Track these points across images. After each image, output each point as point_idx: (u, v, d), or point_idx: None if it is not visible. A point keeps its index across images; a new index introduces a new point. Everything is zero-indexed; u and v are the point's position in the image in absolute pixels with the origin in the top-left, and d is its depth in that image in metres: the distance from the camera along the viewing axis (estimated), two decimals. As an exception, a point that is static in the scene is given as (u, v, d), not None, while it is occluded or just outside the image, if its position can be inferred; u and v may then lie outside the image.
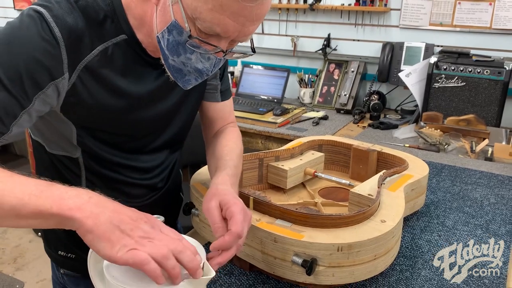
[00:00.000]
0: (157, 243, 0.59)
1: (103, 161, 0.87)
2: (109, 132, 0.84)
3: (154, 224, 0.61)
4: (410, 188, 1.02)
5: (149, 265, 0.56)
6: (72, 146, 0.85)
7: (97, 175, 0.89)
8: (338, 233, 0.79)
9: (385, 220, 0.84)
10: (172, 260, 0.58)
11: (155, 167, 0.96)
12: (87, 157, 0.86)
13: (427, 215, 1.11)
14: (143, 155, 0.92)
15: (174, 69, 0.76)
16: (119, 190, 0.91)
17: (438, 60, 1.92)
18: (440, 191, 1.26)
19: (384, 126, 1.97)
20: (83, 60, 0.74)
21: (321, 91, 2.34)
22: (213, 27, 0.67)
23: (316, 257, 0.77)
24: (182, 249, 0.60)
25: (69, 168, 0.88)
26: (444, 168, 1.44)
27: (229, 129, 1.01)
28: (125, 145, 0.89)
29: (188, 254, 0.60)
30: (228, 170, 0.85)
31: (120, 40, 0.77)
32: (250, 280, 0.85)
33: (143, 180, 0.94)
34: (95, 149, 0.85)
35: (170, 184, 1.02)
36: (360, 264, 0.79)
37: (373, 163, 1.18)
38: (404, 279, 0.86)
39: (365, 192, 0.92)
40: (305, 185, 1.15)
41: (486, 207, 1.16)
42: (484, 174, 1.39)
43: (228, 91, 1.04)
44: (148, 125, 0.88)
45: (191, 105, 0.95)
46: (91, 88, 0.77)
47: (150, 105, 0.86)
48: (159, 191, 0.99)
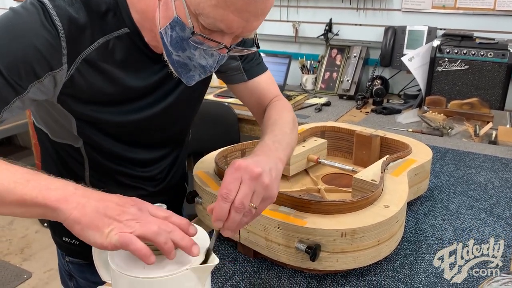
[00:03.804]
0: (146, 224, 0.58)
1: (105, 152, 0.87)
2: (109, 124, 0.84)
3: (141, 207, 0.60)
4: (414, 172, 1.01)
5: (135, 244, 0.56)
6: (73, 136, 0.85)
7: (100, 165, 0.89)
8: (342, 219, 0.79)
9: (389, 205, 0.84)
10: (163, 236, 0.57)
11: (157, 160, 0.96)
12: (88, 147, 0.86)
13: (431, 199, 1.11)
14: (145, 149, 0.92)
15: (179, 64, 0.74)
16: (120, 181, 0.92)
17: (441, 43, 1.90)
18: (443, 175, 1.25)
19: (387, 111, 1.96)
20: (82, 52, 0.73)
21: (323, 77, 2.32)
22: (217, 23, 0.66)
23: (319, 243, 0.77)
24: (172, 228, 0.59)
25: (72, 156, 0.88)
26: (447, 152, 1.43)
27: (271, 104, 0.97)
28: (126, 138, 0.88)
29: (178, 233, 0.59)
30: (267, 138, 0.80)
31: (122, 33, 0.77)
32: (254, 267, 0.86)
33: (144, 172, 0.94)
34: (96, 139, 0.85)
35: (172, 176, 1.02)
36: (364, 249, 0.79)
37: (376, 148, 1.17)
38: (408, 264, 0.86)
39: (368, 177, 0.92)
40: (308, 172, 1.15)
41: (490, 191, 1.16)
42: (488, 157, 1.38)
43: (255, 68, 0.99)
44: (148, 119, 0.87)
45: (193, 101, 0.94)
46: (90, 81, 0.76)
47: (150, 100, 0.85)
48: (160, 182, 0.99)
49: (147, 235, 0.57)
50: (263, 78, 0.99)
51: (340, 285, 0.81)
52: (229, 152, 1.07)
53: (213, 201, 0.89)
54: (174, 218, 0.61)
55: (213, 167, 0.99)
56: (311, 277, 0.82)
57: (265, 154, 0.73)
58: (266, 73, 1.00)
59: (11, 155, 3.31)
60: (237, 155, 1.09)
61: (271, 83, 1.00)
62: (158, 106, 0.87)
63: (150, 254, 0.57)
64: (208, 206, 0.68)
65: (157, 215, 0.60)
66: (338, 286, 0.80)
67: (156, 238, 0.57)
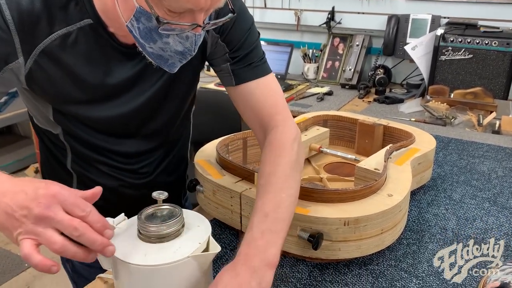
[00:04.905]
0: (49, 233, 0.53)
1: (84, 141, 0.85)
2: (82, 118, 0.81)
3: (50, 203, 0.53)
4: (417, 161, 1.00)
5: (33, 260, 0.52)
6: (51, 122, 0.82)
7: (80, 153, 0.87)
8: (345, 208, 0.79)
9: (392, 194, 0.83)
10: (68, 251, 0.54)
11: (141, 153, 0.92)
12: (67, 135, 0.84)
13: (434, 188, 1.10)
14: (126, 142, 0.88)
15: (155, 56, 0.70)
16: (102, 170, 0.89)
17: (445, 32, 1.88)
18: (447, 164, 1.24)
19: (390, 100, 1.94)
20: (39, 44, 0.70)
21: (325, 66, 2.30)
22: (183, 4, 0.61)
23: (322, 232, 0.76)
24: (81, 232, 0.53)
25: (54, 142, 0.87)
26: (451, 141, 1.42)
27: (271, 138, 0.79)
28: (105, 131, 0.85)
29: (88, 237, 0.53)
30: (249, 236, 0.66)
31: (85, 24, 0.72)
32: (256, 255, 0.85)
33: (127, 164, 0.91)
34: (74, 129, 0.82)
35: (162, 171, 0.97)
36: (367, 238, 0.78)
37: (379, 137, 1.16)
38: (411, 253, 0.86)
39: (371, 166, 0.91)
40: (310, 161, 1.14)
41: (493, 180, 1.15)
42: (492, 147, 1.37)
43: (248, 72, 0.83)
44: (126, 115, 0.83)
45: (179, 93, 0.88)
46: (52, 76, 0.73)
47: (127, 95, 0.81)
48: (145, 176, 0.95)
49: (51, 250, 0.53)
50: (260, 85, 0.83)
51: (342, 274, 0.80)
52: (230, 141, 1.06)
53: (214, 189, 0.89)
54: (91, 218, 0.55)
55: (214, 155, 0.98)
56: (314, 266, 0.82)
57: (250, 261, 0.62)
58: (266, 78, 0.84)
59: (11, 145, 3.31)
60: (239, 144, 1.08)
61: (272, 92, 0.84)
62: (137, 100, 0.82)
63: (50, 266, 0.53)
64: None
65: (72, 212, 0.54)
66: (341, 275, 0.80)
67: (61, 254, 0.54)
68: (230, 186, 0.87)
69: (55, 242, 0.53)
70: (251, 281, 0.59)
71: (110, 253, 0.56)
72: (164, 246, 0.61)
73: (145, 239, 0.62)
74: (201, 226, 0.66)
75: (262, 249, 0.63)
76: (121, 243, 0.62)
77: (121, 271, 0.61)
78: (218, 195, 0.89)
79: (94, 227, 0.54)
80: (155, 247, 0.61)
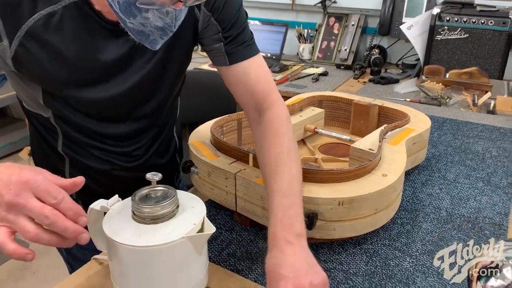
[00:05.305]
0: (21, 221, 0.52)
1: (75, 125, 0.83)
2: (73, 100, 0.79)
3: (21, 190, 0.52)
4: (412, 142, 1.00)
5: (7, 249, 0.52)
6: (41, 106, 0.81)
7: (72, 136, 0.86)
8: (339, 188, 0.79)
9: (387, 174, 0.83)
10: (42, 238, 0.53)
11: (132, 136, 0.90)
12: (58, 119, 0.83)
13: (429, 169, 1.11)
14: (117, 124, 0.87)
15: (136, 32, 0.67)
16: (94, 154, 0.88)
17: (441, 11, 1.86)
18: (441, 145, 1.25)
19: (385, 81, 1.94)
20: (23, 25, 0.68)
21: (320, 46, 2.28)
22: None
23: (317, 212, 0.76)
24: (52, 220, 0.52)
25: (44, 125, 0.86)
26: (445, 122, 1.42)
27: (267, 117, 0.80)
28: (95, 113, 0.83)
29: (60, 224, 0.53)
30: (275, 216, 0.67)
31: (70, 2, 0.70)
32: (251, 235, 0.86)
33: (118, 147, 0.90)
34: (64, 112, 0.81)
35: (153, 154, 0.96)
36: (361, 218, 0.79)
37: (374, 118, 1.16)
38: (405, 232, 0.86)
39: (366, 146, 0.90)
40: (305, 142, 1.14)
41: (487, 160, 1.15)
42: (486, 127, 1.37)
43: (242, 51, 0.83)
44: (116, 97, 0.81)
45: (171, 73, 0.86)
46: (38, 57, 0.71)
47: (115, 76, 0.79)
48: (137, 159, 0.94)
49: (23, 238, 0.53)
50: (253, 65, 0.83)
51: (337, 253, 0.81)
52: (225, 122, 1.06)
53: (209, 171, 0.89)
54: (63, 205, 0.54)
55: (208, 136, 0.97)
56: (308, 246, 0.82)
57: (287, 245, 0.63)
58: (257, 58, 0.84)
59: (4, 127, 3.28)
60: (233, 125, 1.07)
61: (263, 72, 0.84)
62: (128, 82, 0.80)
63: (25, 254, 0.53)
64: None
65: (44, 199, 0.53)
66: (335, 254, 0.80)
67: (35, 241, 0.53)
68: (225, 167, 0.86)
69: (28, 231, 0.52)
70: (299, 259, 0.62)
71: (84, 240, 0.55)
72: (159, 227, 0.61)
73: (139, 220, 0.62)
74: (195, 207, 0.66)
75: (288, 226, 0.65)
76: (116, 224, 0.62)
77: (115, 252, 0.61)
78: (213, 176, 0.89)
79: (67, 215, 0.54)
80: (149, 228, 0.61)
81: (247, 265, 0.77)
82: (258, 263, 0.78)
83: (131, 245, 0.59)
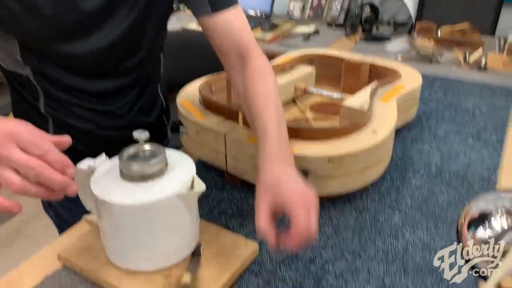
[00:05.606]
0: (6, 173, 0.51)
1: (56, 82, 0.81)
2: (54, 55, 0.76)
3: (4, 141, 0.51)
4: (403, 99, 0.99)
5: None
6: (19, 63, 0.78)
7: (53, 95, 0.83)
8: (329, 145, 0.78)
9: (377, 131, 0.83)
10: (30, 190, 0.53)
11: (116, 92, 0.88)
12: (38, 76, 0.80)
13: (419, 126, 1.11)
14: (100, 80, 0.85)
15: None
16: (77, 113, 0.86)
17: (435, -35, 1.81)
18: (432, 102, 1.24)
19: (377, 39, 1.91)
20: None
21: (311, 3, 2.23)
22: None
23: (307, 169, 0.76)
24: (38, 171, 0.51)
25: (24, 85, 0.83)
26: (436, 79, 1.41)
27: (252, 64, 0.80)
28: (76, 68, 0.81)
29: (46, 175, 0.52)
30: (270, 139, 0.69)
31: None
32: (242, 193, 0.86)
33: (103, 106, 0.88)
34: (45, 68, 0.78)
35: (138, 111, 0.94)
36: (352, 174, 0.79)
37: (365, 76, 1.14)
38: (395, 188, 0.87)
39: (356, 104, 0.90)
40: (296, 101, 1.12)
41: (478, 117, 1.15)
42: (477, 84, 1.37)
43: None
44: (101, 50, 0.78)
45: (155, 23, 0.84)
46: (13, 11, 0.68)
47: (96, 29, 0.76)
48: (121, 117, 0.91)
49: (10, 191, 0.52)
50: (235, 14, 0.82)
51: (326, 209, 0.81)
52: (214, 81, 1.04)
53: (198, 130, 0.88)
54: (50, 157, 0.53)
55: (197, 96, 0.96)
56: (299, 203, 0.83)
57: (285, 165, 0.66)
58: (238, 8, 0.83)
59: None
60: (223, 84, 1.05)
61: (246, 22, 0.83)
62: (112, 34, 0.77)
63: (11, 207, 0.53)
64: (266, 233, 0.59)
65: (29, 150, 0.52)
66: (325, 211, 0.81)
67: (22, 194, 0.53)
68: (214, 127, 0.85)
69: (13, 182, 0.51)
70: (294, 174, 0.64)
71: (72, 192, 0.54)
72: (148, 185, 0.60)
73: (128, 179, 0.61)
74: (185, 165, 0.65)
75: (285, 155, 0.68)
76: (104, 183, 0.61)
77: (104, 211, 0.61)
78: (202, 136, 0.88)
79: (54, 167, 0.53)
80: (138, 186, 0.60)
81: (239, 222, 0.78)
82: (249, 220, 0.78)
83: (120, 204, 0.58)
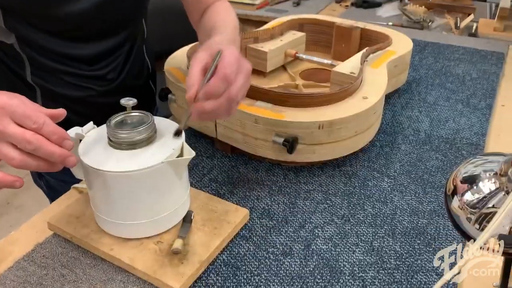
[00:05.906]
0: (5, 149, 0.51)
1: (42, 48, 0.79)
2: (39, 18, 0.74)
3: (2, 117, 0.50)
4: (393, 64, 0.99)
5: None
6: (3, 30, 0.75)
7: (40, 63, 0.81)
8: (319, 111, 0.78)
9: (367, 97, 0.82)
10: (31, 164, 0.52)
11: (104, 55, 0.87)
12: (23, 44, 0.78)
13: (409, 92, 1.11)
14: (88, 43, 0.83)
15: None
16: (66, 80, 0.85)
17: None
18: (422, 68, 1.24)
19: (367, 4, 1.88)
20: None
21: (301, -32, 2.17)
22: None
23: (297, 136, 0.76)
24: (36, 145, 0.51)
25: (9, 55, 0.80)
26: (427, 45, 1.40)
27: (216, 3, 0.85)
28: (62, 32, 0.79)
29: (44, 150, 0.51)
30: (224, 34, 0.70)
31: None
32: (232, 161, 0.86)
33: (92, 71, 0.86)
34: (30, 34, 0.76)
35: (127, 74, 0.93)
36: (341, 140, 0.79)
37: (356, 41, 1.13)
38: (384, 154, 0.87)
39: (347, 70, 0.89)
40: (285, 68, 1.11)
41: (467, 83, 1.15)
42: (468, 50, 1.36)
43: None
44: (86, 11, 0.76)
45: None
46: None
47: None
48: (111, 81, 0.90)
49: (11, 166, 0.51)
50: None
51: (316, 175, 0.82)
52: (203, 47, 1.02)
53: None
54: (46, 129, 0.52)
55: (185, 62, 0.94)
56: (288, 169, 0.83)
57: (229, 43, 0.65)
58: None
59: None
60: (211, 50, 1.04)
61: None
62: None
63: (12, 181, 0.52)
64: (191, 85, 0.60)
65: (24, 124, 0.51)
66: (315, 177, 0.81)
67: (23, 168, 0.52)
68: (203, 94, 0.84)
69: (13, 157, 0.51)
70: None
71: (72, 163, 0.54)
72: (137, 153, 0.60)
73: (116, 146, 0.60)
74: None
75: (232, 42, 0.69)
76: (92, 151, 0.61)
77: (94, 179, 0.60)
78: (191, 103, 0.86)
79: (51, 139, 0.52)
80: (127, 154, 0.60)
81: (229, 189, 0.78)
82: (239, 187, 0.78)
83: (109, 171, 0.58)
